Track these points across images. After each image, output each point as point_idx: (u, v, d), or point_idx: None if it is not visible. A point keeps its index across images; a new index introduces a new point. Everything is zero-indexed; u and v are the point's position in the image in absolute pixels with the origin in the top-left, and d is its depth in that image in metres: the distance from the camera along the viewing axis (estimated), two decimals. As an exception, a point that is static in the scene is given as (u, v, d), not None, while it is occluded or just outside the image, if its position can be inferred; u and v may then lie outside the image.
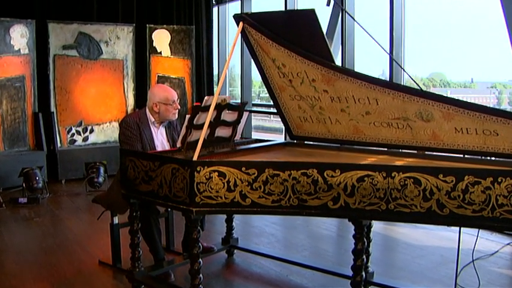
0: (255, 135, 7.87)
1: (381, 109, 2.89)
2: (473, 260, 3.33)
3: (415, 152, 3.03)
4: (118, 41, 7.01)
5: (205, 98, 3.01)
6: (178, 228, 4.07)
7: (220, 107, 3.11)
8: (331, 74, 2.89)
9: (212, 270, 3.60)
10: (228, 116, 3.26)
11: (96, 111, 6.93)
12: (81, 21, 6.76)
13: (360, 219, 2.68)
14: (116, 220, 3.58)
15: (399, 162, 3.01)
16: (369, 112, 2.96)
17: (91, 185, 6.00)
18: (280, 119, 3.42)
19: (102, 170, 6.11)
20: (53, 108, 6.59)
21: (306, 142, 3.51)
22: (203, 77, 7.99)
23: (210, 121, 3.13)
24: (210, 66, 8.13)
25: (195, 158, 2.71)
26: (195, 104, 2.82)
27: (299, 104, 3.22)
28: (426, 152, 2.97)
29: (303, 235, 4.43)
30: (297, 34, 2.88)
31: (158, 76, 7.38)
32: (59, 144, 6.59)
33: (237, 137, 3.49)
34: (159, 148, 3.46)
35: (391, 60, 5.51)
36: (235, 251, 3.88)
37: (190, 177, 2.67)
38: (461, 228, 2.88)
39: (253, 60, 3.16)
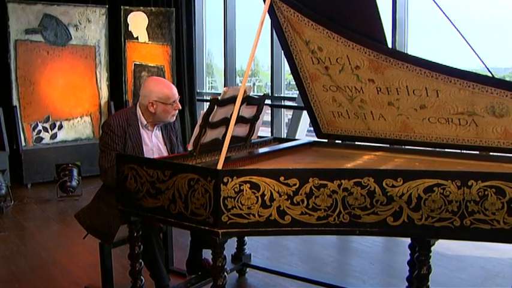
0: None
1: (441, 102, 2.46)
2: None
3: (433, 149, 2.69)
4: (89, 25, 6.36)
5: (224, 89, 2.51)
6: (177, 243, 3.56)
7: (239, 101, 2.60)
8: (382, 60, 2.43)
9: (224, 295, 3.10)
10: (246, 111, 2.76)
11: (65, 104, 6.27)
12: (46, 1, 6.05)
13: (427, 238, 2.25)
14: (106, 239, 3.02)
15: (399, 160, 2.69)
16: (425, 106, 2.52)
17: (63, 190, 5.37)
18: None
19: (75, 172, 5.48)
20: (15, 102, 5.89)
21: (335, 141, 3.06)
22: (183, 66, 7.42)
23: (227, 117, 2.64)
24: (190, 53, 7.55)
25: (219, 166, 2.20)
26: (212, 97, 2.30)
27: (334, 96, 2.75)
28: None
29: (321, 245, 3.98)
30: (341, 11, 2.40)
31: (135, 64, 6.76)
32: (23, 143, 5.90)
33: (254, 136, 3.00)
34: (154, 155, 2.91)
35: (394, 41, 5.13)
36: (248, 269, 3.40)
37: (215, 191, 2.16)
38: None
39: (281, 43, 2.67)
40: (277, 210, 2.19)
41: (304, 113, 6.55)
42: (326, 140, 3.03)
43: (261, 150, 2.85)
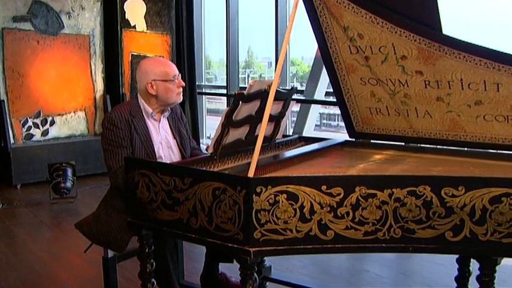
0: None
1: (502, 97, 2.20)
2: None
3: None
4: (83, 12, 6.09)
5: (250, 82, 2.24)
6: (187, 252, 3.28)
7: (265, 95, 2.32)
8: (435, 49, 2.15)
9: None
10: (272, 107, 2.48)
11: (58, 98, 6.00)
12: (36, -14, 5.77)
13: (493, 256, 2.00)
14: (110, 252, 2.73)
15: (411, 159, 2.49)
16: (481, 102, 2.26)
17: (56, 192, 5.07)
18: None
19: (69, 172, 5.18)
20: (3, 96, 5.62)
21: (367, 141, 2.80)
22: (183, 56, 7.12)
23: (251, 115, 2.38)
24: (190, 42, 7.25)
25: (251, 173, 1.93)
26: (236, 92, 2.01)
27: (373, 91, 2.48)
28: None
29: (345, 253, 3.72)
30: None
31: (132, 55, 6.47)
32: (12, 141, 5.63)
33: (279, 136, 2.73)
34: (163, 150, 2.63)
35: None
36: (268, 283, 3.14)
37: (246, 203, 1.89)
38: None
39: (313, 30, 2.38)
40: (318, 224, 1.93)
41: (312, 107, 6.29)
42: (360, 140, 2.77)
43: (289, 152, 2.57)
